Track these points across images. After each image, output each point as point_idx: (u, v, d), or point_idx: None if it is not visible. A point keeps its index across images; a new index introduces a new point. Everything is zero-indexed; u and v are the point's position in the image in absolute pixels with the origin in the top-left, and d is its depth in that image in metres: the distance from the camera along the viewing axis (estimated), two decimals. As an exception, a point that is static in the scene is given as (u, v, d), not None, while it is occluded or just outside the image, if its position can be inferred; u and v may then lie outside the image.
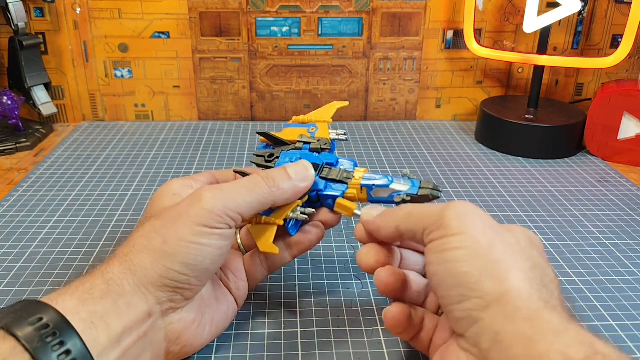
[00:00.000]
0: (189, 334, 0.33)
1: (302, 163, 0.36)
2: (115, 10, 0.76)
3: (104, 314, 0.28)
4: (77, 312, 0.27)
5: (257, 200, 0.33)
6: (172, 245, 0.30)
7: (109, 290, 0.29)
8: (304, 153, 0.40)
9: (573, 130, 0.70)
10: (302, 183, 0.35)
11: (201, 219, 0.31)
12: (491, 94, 0.84)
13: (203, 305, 0.34)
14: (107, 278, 0.30)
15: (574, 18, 0.80)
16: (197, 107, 0.82)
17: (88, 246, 0.48)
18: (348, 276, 0.44)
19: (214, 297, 0.35)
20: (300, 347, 0.37)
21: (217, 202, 0.31)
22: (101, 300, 0.28)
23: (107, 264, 0.31)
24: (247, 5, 0.77)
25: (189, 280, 0.31)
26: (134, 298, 0.29)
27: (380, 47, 0.80)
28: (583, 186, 0.62)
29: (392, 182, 0.36)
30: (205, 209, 0.31)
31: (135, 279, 0.30)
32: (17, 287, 0.42)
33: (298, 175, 0.35)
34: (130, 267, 0.30)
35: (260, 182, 0.34)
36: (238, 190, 0.33)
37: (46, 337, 0.26)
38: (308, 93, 0.82)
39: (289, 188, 0.34)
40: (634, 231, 0.52)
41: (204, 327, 0.34)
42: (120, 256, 0.31)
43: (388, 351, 0.36)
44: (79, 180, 0.62)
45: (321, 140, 0.42)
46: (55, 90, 0.80)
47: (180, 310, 0.32)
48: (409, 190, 0.36)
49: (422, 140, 0.76)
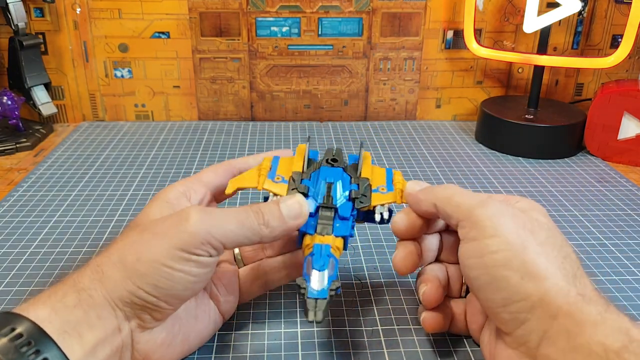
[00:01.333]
0: (157, 356, 0.32)
1: (296, 198, 0.34)
2: (115, 10, 0.76)
3: (76, 324, 0.28)
4: (50, 321, 0.27)
5: (244, 234, 0.31)
6: (144, 265, 0.29)
7: (80, 299, 0.28)
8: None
9: (573, 130, 0.70)
10: (293, 220, 0.33)
11: (181, 242, 0.29)
12: (491, 94, 0.84)
13: (177, 325, 0.33)
14: (78, 288, 0.29)
15: (574, 18, 0.80)
16: (197, 107, 0.82)
17: (88, 246, 0.48)
18: (348, 276, 0.44)
19: (193, 316, 0.34)
20: (300, 347, 0.37)
21: (203, 226, 0.30)
22: (73, 310, 0.28)
23: (78, 272, 0.30)
24: (247, 5, 0.77)
25: (158, 303, 0.30)
26: (104, 311, 0.29)
27: (380, 47, 0.80)
28: (583, 186, 0.62)
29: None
30: (187, 232, 0.30)
31: (104, 291, 0.29)
32: (17, 287, 0.42)
33: (290, 212, 0.33)
34: (101, 278, 0.29)
35: (250, 217, 0.32)
36: (227, 219, 0.31)
37: (20, 347, 0.25)
38: (308, 93, 0.82)
39: (278, 227, 0.32)
40: (634, 231, 0.52)
41: (174, 348, 0.33)
42: (93, 266, 0.30)
43: (388, 351, 0.36)
44: (79, 180, 0.62)
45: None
46: (55, 90, 0.80)
47: (149, 330, 0.31)
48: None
49: (422, 140, 0.76)
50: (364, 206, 0.36)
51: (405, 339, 0.37)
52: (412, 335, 0.38)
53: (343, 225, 0.35)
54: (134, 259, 0.29)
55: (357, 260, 0.47)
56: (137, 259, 0.29)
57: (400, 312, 0.40)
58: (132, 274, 0.29)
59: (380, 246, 0.49)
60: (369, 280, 0.44)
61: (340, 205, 0.36)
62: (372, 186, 0.37)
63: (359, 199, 0.36)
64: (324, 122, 0.83)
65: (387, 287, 0.43)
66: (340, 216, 0.35)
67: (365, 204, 0.36)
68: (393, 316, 0.40)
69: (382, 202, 0.36)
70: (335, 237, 0.34)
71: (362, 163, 0.39)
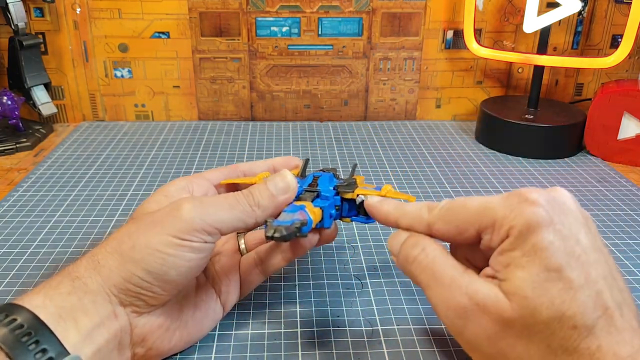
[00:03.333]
0: (154, 338, 0.32)
1: (281, 173, 0.35)
2: (115, 10, 0.76)
3: (71, 310, 0.28)
4: (44, 306, 0.28)
5: (237, 217, 0.32)
6: (139, 251, 0.30)
7: (74, 287, 0.29)
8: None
9: (573, 130, 0.70)
10: (282, 195, 0.34)
11: (174, 229, 0.30)
12: (491, 94, 0.84)
13: (175, 311, 0.33)
14: (72, 276, 0.30)
15: (573, 18, 0.80)
16: (197, 107, 0.82)
17: (88, 246, 0.48)
18: (348, 276, 0.44)
19: (192, 303, 0.35)
20: (300, 347, 0.37)
21: (195, 214, 0.31)
22: (68, 297, 0.29)
23: (74, 263, 0.31)
24: (247, 5, 0.77)
25: (151, 288, 0.30)
26: (98, 297, 0.30)
27: (380, 47, 0.80)
28: (583, 186, 0.62)
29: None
30: (181, 219, 0.30)
31: (99, 279, 0.30)
32: (17, 287, 0.42)
33: (278, 187, 0.34)
34: (96, 267, 0.30)
35: (241, 200, 0.33)
36: (219, 205, 0.32)
37: (21, 337, 0.26)
38: (308, 93, 0.82)
39: (269, 204, 0.33)
40: (634, 231, 0.52)
41: (172, 332, 0.33)
42: (89, 256, 0.31)
43: (388, 351, 0.36)
44: (79, 180, 0.62)
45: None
46: (55, 90, 0.80)
47: (145, 315, 0.32)
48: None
49: (422, 140, 0.76)
50: (346, 192, 0.37)
51: (405, 339, 0.37)
52: (412, 335, 0.38)
53: (322, 202, 0.36)
54: (128, 247, 0.30)
55: (357, 260, 0.47)
56: (131, 247, 0.30)
57: (400, 312, 0.40)
58: (126, 261, 0.30)
59: (380, 246, 0.49)
60: (369, 280, 0.44)
61: (322, 189, 0.37)
62: (358, 185, 0.38)
63: (343, 188, 0.37)
64: (324, 122, 0.83)
65: (387, 287, 0.43)
66: (322, 196, 0.36)
67: (348, 190, 0.37)
68: (393, 316, 0.40)
69: (365, 193, 0.37)
70: (314, 207, 0.35)
71: (353, 176, 0.40)
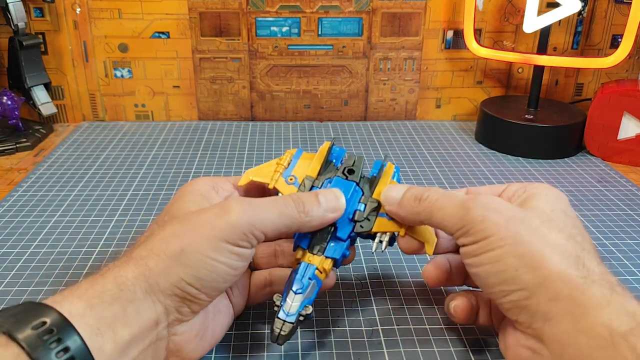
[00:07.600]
0: (190, 347, 0.32)
1: (334, 192, 0.34)
2: (115, 10, 0.76)
3: (112, 321, 0.27)
4: (83, 316, 0.26)
5: (284, 223, 0.32)
6: (189, 257, 0.29)
7: (120, 295, 0.28)
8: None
9: (573, 130, 0.70)
10: (331, 213, 0.34)
11: (225, 233, 0.30)
12: (491, 94, 0.84)
13: (207, 319, 0.33)
14: (119, 282, 0.29)
15: (573, 18, 0.80)
16: (197, 107, 0.82)
17: (88, 246, 0.48)
18: (348, 276, 0.44)
19: (218, 310, 0.35)
20: (300, 347, 0.37)
21: (244, 217, 0.30)
22: (110, 306, 0.27)
23: (120, 266, 0.30)
24: (247, 5, 0.77)
25: (198, 295, 0.30)
26: (143, 304, 0.29)
27: (380, 47, 0.80)
28: (583, 186, 0.62)
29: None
30: (230, 223, 0.30)
31: (147, 285, 0.29)
32: (17, 287, 0.42)
33: (328, 204, 0.34)
34: (145, 272, 0.29)
35: (290, 205, 0.32)
36: (267, 208, 0.32)
37: (50, 344, 0.25)
38: (308, 93, 0.82)
39: (318, 217, 0.33)
40: (634, 231, 0.52)
41: (205, 340, 0.33)
42: (137, 259, 0.30)
43: (388, 351, 0.36)
44: (79, 180, 0.62)
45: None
46: (55, 90, 0.80)
47: (185, 323, 0.31)
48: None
49: (422, 140, 0.76)
50: (363, 231, 0.35)
51: (405, 339, 0.37)
52: (412, 335, 0.38)
53: (337, 246, 0.35)
54: (177, 251, 0.30)
55: (357, 260, 0.47)
56: (181, 251, 0.30)
57: (400, 312, 0.40)
58: (176, 265, 0.29)
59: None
60: (369, 280, 0.44)
61: (340, 224, 0.35)
62: (380, 209, 0.36)
63: (361, 223, 0.35)
64: (324, 122, 0.83)
65: (387, 287, 0.43)
66: (337, 236, 0.35)
67: (365, 229, 0.35)
68: (393, 316, 0.40)
69: (383, 230, 0.35)
70: (325, 259, 0.34)
71: (380, 179, 0.37)
